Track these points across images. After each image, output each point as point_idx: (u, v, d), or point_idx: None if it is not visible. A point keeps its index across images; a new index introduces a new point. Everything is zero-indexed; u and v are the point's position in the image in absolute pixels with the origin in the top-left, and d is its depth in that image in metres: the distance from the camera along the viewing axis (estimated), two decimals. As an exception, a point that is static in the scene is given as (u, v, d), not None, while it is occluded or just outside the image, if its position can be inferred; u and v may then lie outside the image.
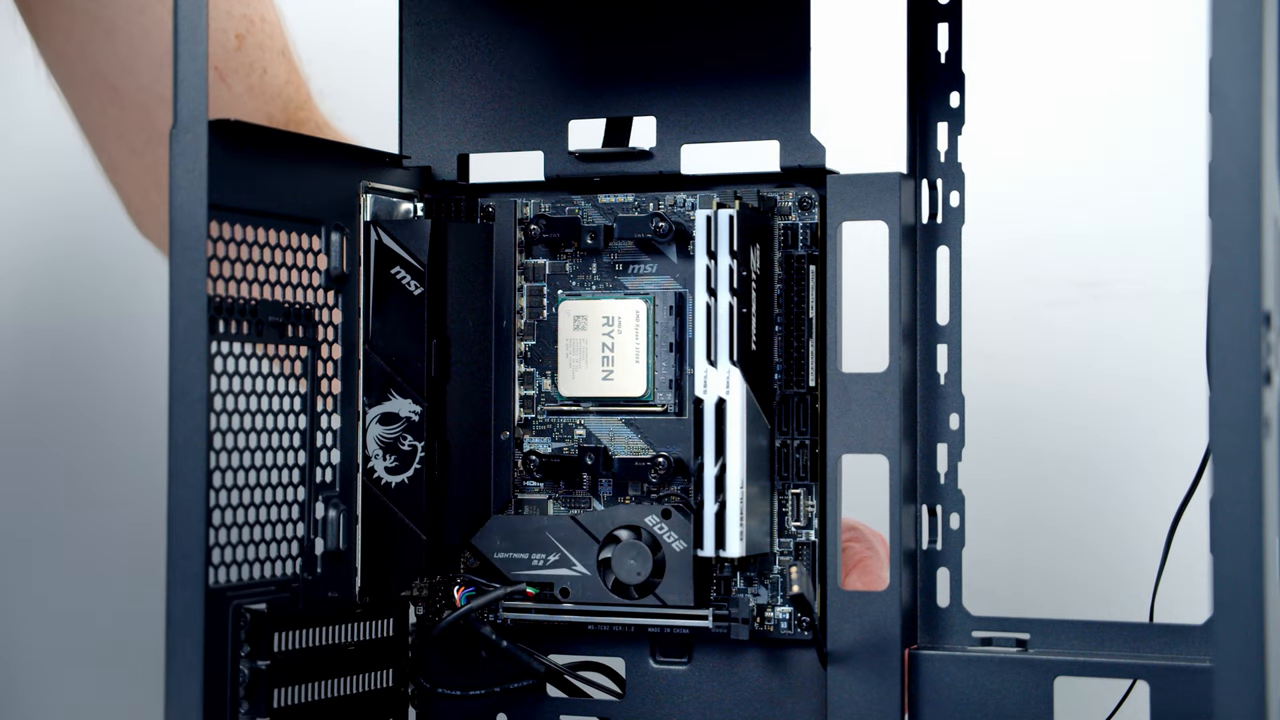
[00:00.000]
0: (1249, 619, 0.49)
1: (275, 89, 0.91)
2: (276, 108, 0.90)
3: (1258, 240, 0.49)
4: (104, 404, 1.25)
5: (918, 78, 0.73)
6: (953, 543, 0.72)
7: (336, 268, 0.72)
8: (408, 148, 0.78)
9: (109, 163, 0.95)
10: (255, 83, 0.90)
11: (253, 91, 0.89)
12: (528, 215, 0.76)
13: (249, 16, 0.90)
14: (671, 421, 0.74)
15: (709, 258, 0.70)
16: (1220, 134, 0.49)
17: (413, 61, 0.78)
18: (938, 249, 0.73)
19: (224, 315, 0.66)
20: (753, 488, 0.71)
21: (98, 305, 1.26)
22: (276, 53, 0.91)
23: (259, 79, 0.90)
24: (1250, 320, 0.49)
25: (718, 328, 0.70)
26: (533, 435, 0.76)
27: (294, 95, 0.92)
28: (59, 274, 1.27)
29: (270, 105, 0.90)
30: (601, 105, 0.76)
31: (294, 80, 0.92)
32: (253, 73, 0.90)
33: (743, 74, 0.73)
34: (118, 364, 1.24)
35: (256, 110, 0.90)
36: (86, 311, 1.26)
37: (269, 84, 0.90)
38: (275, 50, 0.91)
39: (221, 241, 0.65)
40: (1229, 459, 0.49)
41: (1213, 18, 0.49)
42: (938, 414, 0.72)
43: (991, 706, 0.70)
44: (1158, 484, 0.91)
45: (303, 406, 0.70)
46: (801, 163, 0.72)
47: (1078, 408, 1.07)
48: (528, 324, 0.77)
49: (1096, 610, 0.72)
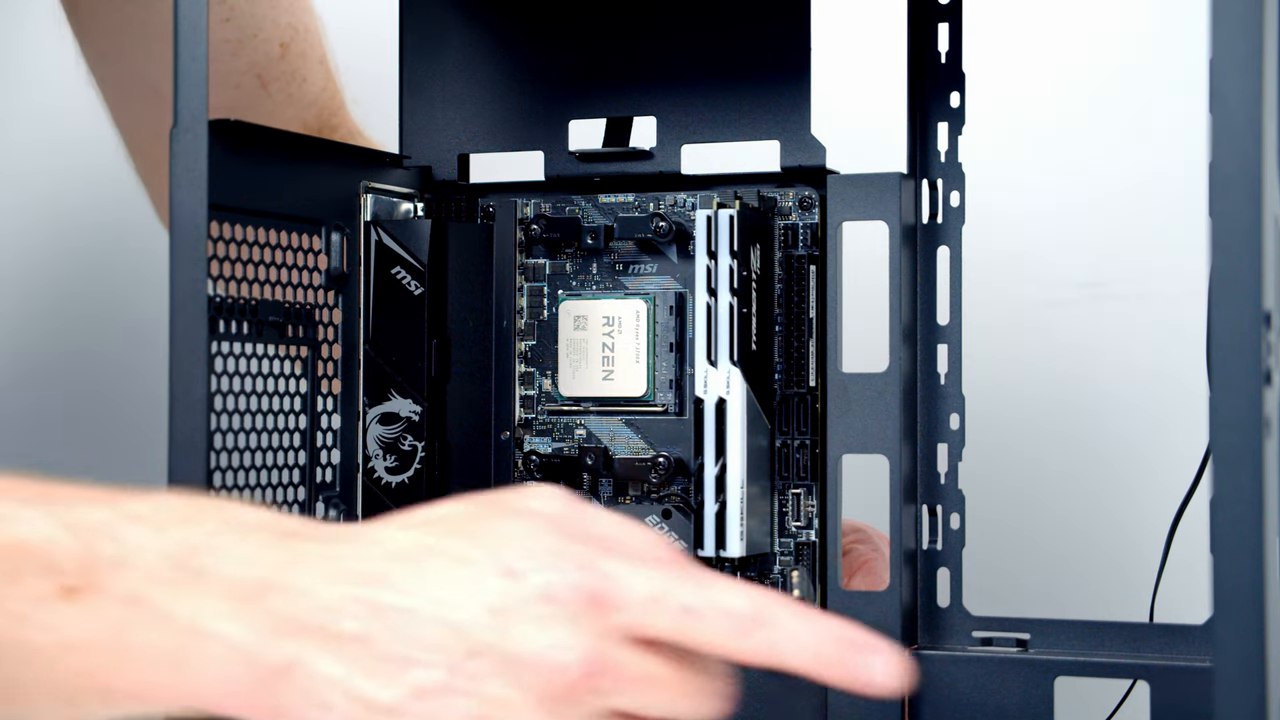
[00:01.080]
0: (1249, 619, 0.49)
1: (312, 96, 0.93)
2: (312, 115, 0.92)
3: (1258, 240, 0.49)
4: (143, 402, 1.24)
5: (918, 78, 0.73)
6: (953, 543, 0.72)
7: (337, 268, 0.72)
8: (408, 148, 0.78)
9: (143, 163, 0.97)
10: (294, 91, 0.92)
11: (291, 99, 0.92)
12: (528, 215, 0.76)
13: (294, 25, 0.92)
14: (672, 421, 0.74)
15: (709, 258, 0.70)
16: (1220, 134, 0.49)
17: (413, 61, 0.78)
18: (938, 249, 0.73)
19: (224, 315, 0.66)
20: (753, 488, 0.71)
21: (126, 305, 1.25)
22: (316, 61, 0.93)
23: (298, 87, 0.92)
24: (1250, 320, 0.49)
25: (718, 328, 0.70)
26: (533, 435, 0.76)
27: (329, 103, 0.94)
28: (88, 273, 1.27)
29: (306, 113, 0.92)
30: (601, 105, 0.76)
31: (329, 88, 0.94)
32: (293, 81, 0.92)
33: (743, 74, 0.73)
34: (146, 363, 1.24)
35: (293, 118, 0.92)
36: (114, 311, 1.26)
37: (307, 92, 0.93)
38: (315, 59, 0.93)
39: (221, 241, 0.65)
40: (1229, 459, 0.49)
41: (1213, 18, 0.49)
42: (938, 414, 0.72)
43: (991, 706, 0.69)
44: (1158, 484, 0.91)
45: (303, 406, 0.70)
46: (802, 163, 0.72)
47: (1078, 408, 1.07)
48: (528, 324, 0.77)
49: (1096, 610, 0.72)
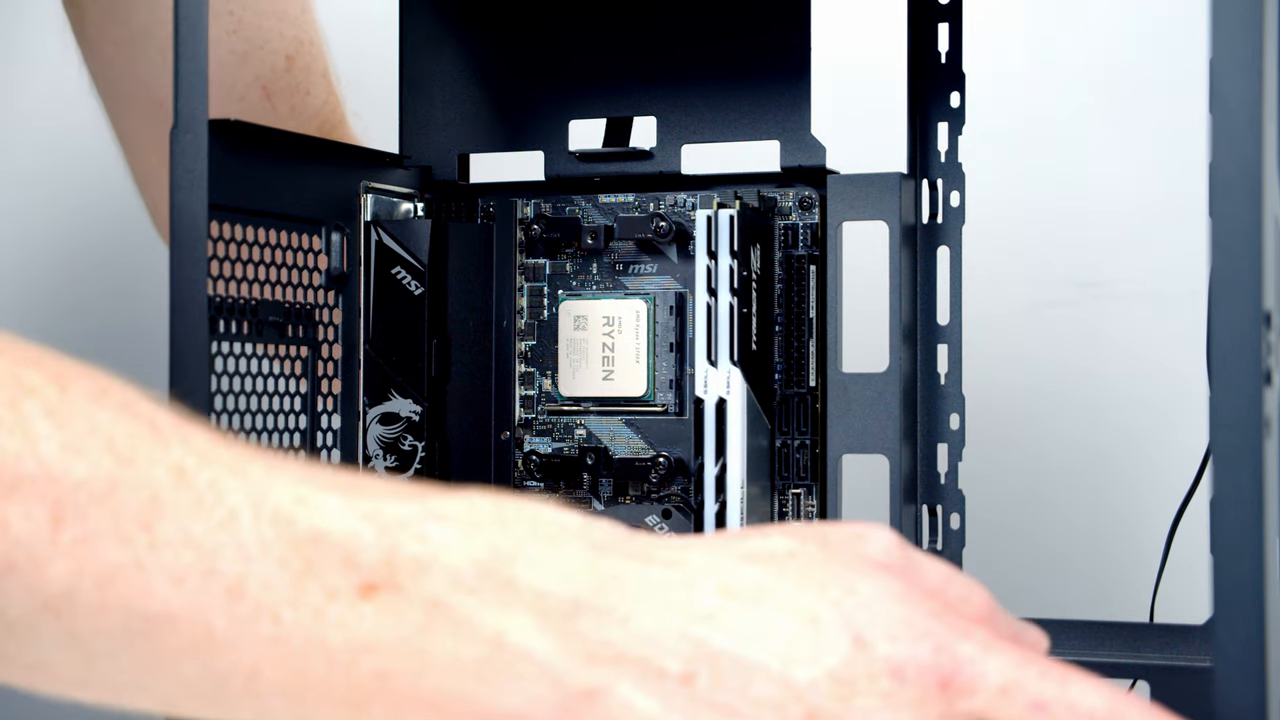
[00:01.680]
0: (1249, 619, 0.49)
1: (314, 109, 0.93)
2: (314, 127, 0.93)
3: (1258, 240, 0.49)
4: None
5: (918, 78, 0.73)
6: (953, 543, 0.72)
7: (337, 268, 0.72)
8: (408, 148, 0.78)
9: (141, 173, 0.98)
10: (298, 103, 0.93)
11: (294, 111, 0.92)
12: (528, 215, 0.76)
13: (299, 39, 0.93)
14: (672, 421, 0.74)
15: (709, 258, 0.70)
16: (1220, 134, 0.49)
17: (413, 62, 0.78)
18: (938, 249, 0.73)
19: (224, 315, 0.66)
20: (753, 488, 0.71)
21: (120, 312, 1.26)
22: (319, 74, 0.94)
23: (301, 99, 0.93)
24: (1250, 320, 0.49)
25: (718, 328, 0.70)
26: (533, 435, 0.76)
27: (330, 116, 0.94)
28: (88, 273, 1.27)
29: (308, 125, 0.93)
30: (601, 105, 0.76)
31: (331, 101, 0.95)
32: (297, 93, 0.92)
33: (743, 74, 0.73)
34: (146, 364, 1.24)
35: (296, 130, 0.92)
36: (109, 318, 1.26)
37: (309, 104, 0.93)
38: (318, 72, 0.94)
39: (222, 241, 0.65)
40: (1229, 459, 0.49)
41: (1213, 18, 0.49)
42: (938, 414, 0.72)
43: (991, 706, 0.69)
44: (1158, 484, 0.91)
45: (303, 406, 0.70)
46: (802, 163, 0.72)
47: (1078, 408, 1.07)
48: (528, 324, 0.77)
49: (1096, 610, 0.72)
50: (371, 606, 0.46)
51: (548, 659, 0.46)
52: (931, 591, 0.50)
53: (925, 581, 0.51)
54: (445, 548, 0.47)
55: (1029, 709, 0.48)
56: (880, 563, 0.50)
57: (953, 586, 0.51)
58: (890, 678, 0.47)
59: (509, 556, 0.47)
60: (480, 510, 0.48)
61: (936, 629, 0.48)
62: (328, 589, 0.46)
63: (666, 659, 0.46)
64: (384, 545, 0.47)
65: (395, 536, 0.47)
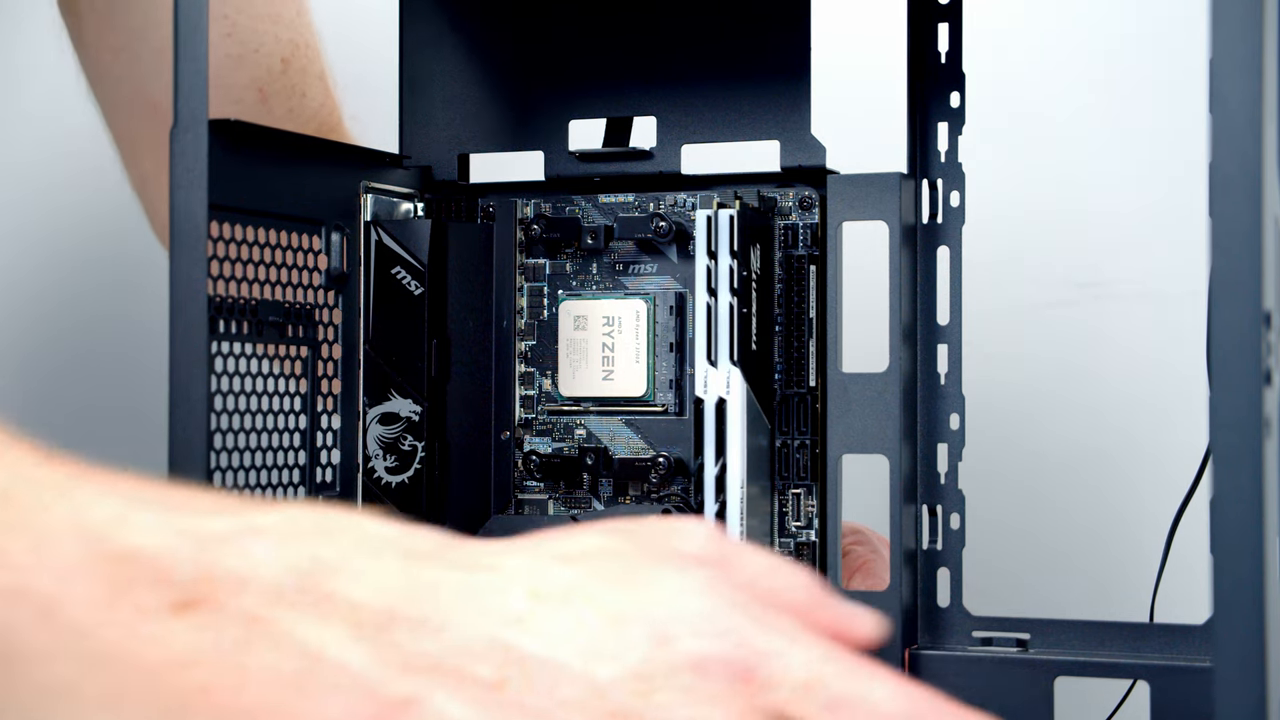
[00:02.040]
0: (1249, 619, 0.49)
1: (311, 112, 0.94)
2: (310, 130, 0.93)
3: (1258, 240, 0.49)
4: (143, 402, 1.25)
5: (918, 78, 0.73)
6: (953, 543, 0.72)
7: (336, 268, 0.72)
8: (408, 148, 0.78)
9: (138, 176, 0.98)
10: (295, 105, 0.93)
11: (291, 114, 0.93)
12: (528, 215, 0.76)
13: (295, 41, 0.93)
14: (671, 421, 0.74)
15: (709, 258, 0.70)
16: (1220, 134, 0.49)
17: (413, 62, 0.78)
18: (938, 249, 0.73)
19: (224, 315, 0.66)
20: (753, 488, 0.71)
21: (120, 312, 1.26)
22: (315, 77, 0.94)
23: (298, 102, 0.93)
24: (1250, 320, 0.49)
25: (718, 328, 0.70)
26: (533, 435, 0.76)
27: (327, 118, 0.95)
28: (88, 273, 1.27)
29: (305, 128, 0.93)
30: (601, 105, 0.76)
31: (328, 104, 0.95)
32: (293, 96, 0.92)
33: (743, 74, 0.73)
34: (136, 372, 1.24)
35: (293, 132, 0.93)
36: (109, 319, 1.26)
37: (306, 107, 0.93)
38: (315, 75, 0.94)
39: (221, 241, 0.65)
40: (1229, 459, 0.49)
41: (1213, 18, 0.49)
42: (938, 414, 0.72)
43: (991, 707, 0.69)
44: (1158, 484, 0.91)
45: (303, 406, 0.70)
46: (802, 163, 0.72)
47: (1078, 407, 1.07)
48: (528, 324, 0.77)
49: (1096, 610, 0.72)
50: (185, 623, 0.46)
51: (362, 670, 0.46)
52: (744, 584, 0.50)
53: (741, 574, 0.51)
54: (264, 562, 0.47)
55: (826, 706, 0.47)
56: (693, 556, 0.50)
57: (771, 577, 0.51)
58: (691, 672, 0.47)
59: (330, 569, 0.47)
60: (300, 523, 0.49)
61: (741, 622, 0.48)
62: (138, 607, 0.46)
63: (479, 666, 0.46)
64: (202, 561, 0.47)
65: (214, 552, 0.47)
